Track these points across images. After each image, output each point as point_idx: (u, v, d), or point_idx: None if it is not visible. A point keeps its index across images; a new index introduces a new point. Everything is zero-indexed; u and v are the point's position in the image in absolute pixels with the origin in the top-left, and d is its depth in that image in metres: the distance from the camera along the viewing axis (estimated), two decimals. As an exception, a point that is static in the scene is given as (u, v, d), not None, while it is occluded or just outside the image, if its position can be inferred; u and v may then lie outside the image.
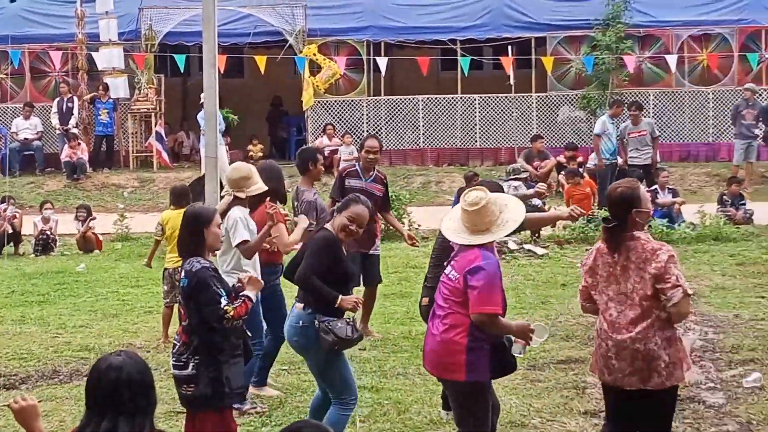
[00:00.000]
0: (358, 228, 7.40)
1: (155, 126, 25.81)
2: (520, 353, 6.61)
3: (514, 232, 6.95)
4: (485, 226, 6.51)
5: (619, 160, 20.17)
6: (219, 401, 6.55)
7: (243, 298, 6.69)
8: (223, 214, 8.60)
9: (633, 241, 6.25)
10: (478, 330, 6.40)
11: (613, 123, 20.10)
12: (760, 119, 22.65)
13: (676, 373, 6.26)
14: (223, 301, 6.53)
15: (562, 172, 21.47)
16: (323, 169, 10.76)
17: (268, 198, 9.07)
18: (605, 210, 7.08)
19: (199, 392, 6.51)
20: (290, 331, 7.49)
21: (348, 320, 7.31)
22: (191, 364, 6.52)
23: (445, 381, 6.72)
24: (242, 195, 8.77)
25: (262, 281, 7.30)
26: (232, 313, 6.51)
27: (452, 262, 6.60)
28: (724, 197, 19.29)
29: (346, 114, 26.45)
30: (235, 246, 8.61)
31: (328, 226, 7.46)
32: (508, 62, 25.01)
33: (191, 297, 6.56)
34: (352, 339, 7.29)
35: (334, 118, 26.28)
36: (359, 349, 10.94)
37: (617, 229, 6.31)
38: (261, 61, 24.56)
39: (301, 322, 7.34)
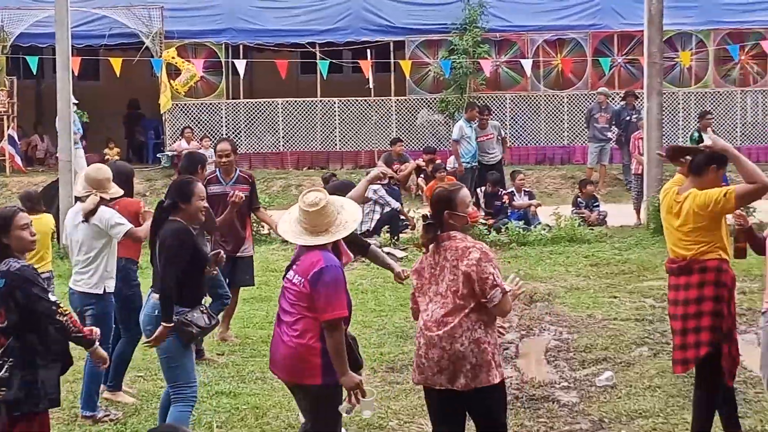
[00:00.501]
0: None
1: (8, 129, 25.15)
2: (347, 412, 6.55)
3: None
4: (324, 227, 6.53)
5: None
6: (33, 406, 6.38)
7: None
8: (90, 213, 8.54)
9: (449, 241, 6.32)
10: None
11: (470, 126, 20.33)
12: (613, 123, 23.20)
13: (482, 376, 6.20)
14: (52, 297, 6.43)
15: (422, 175, 21.66)
16: (205, 177, 10.77)
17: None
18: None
19: (12, 396, 6.32)
20: (145, 320, 7.48)
21: (202, 308, 7.38)
22: (5, 367, 6.33)
23: (298, 386, 6.65)
24: (107, 196, 8.71)
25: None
26: (64, 309, 6.41)
27: (294, 267, 6.59)
28: (579, 199, 19.69)
29: (205, 117, 26.20)
30: (125, 233, 8.63)
31: (176, 217, 7.36)
32: (366, 66, 25.13)
33: (11, 295, 6.35)
34: (211, 326, 7.44)
35: (192, 121, 26.00)
36: (217, 354, 10.84)
37: (433, 229, 6.37)
38: (116, 63, 24.15)
39: (156, 311, 7.32)
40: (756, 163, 25.02)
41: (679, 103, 26.22)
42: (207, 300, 8.27)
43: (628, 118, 22.22)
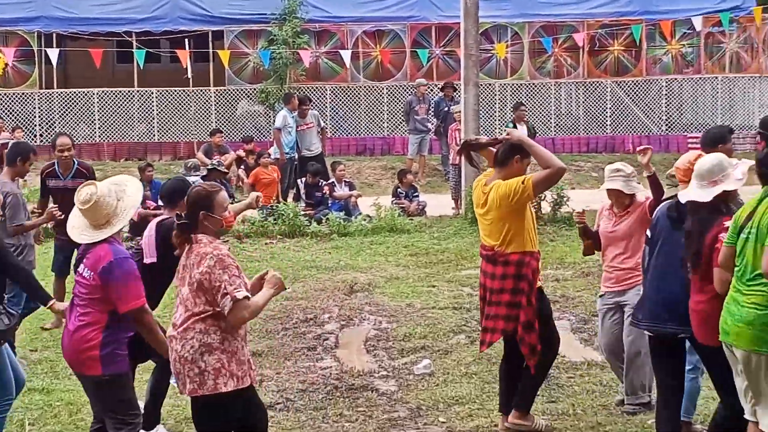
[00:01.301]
0: None
1: None
2: None
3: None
4: (104, 219, 6.50)
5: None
6: None
7: None
8: None
9: (195, 244, 6.14)
10: (115, 324, 6.45)
11: (293, 116, 20.24)
12: (431, 113, 23.48)
13: (209, 383, 6.02)
14: None
15: (242, 166, 21.48)
16: (29, 170, 10.69)
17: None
18: (284, 203, 7.07)
19: None
20: None
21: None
22: None
23: (82, 377, 6.66)
24: None
25: None
26: None
27: (84, 260, 6.56)
28: (399, 189, 19.86)
29: (17, 107, 25.40)
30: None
31: None
32: (184, 55, 24.78)
33: None
34: (12, 325, 7.39)
35: (3, 111, 25.17)
36: (30, 350, 10.53)
37: (187, 228, 6.20)
38: None
39: None
40: (569, 153, 25.72)
41: (495, 95, 26.72)
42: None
43: (446, 109, 22.49)
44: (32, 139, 23.91)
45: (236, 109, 26.28)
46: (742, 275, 6.03)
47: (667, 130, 27.08)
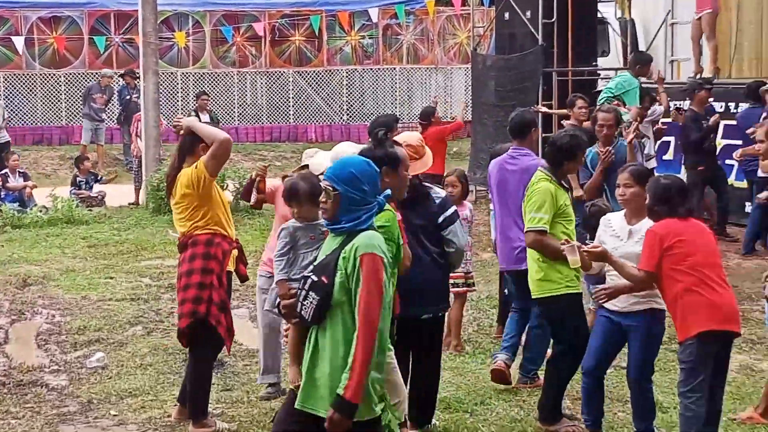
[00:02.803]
0: None
1: None
2: None
3: None
4: None
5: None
6: None
7: None
8: None
9: None
10: None
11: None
12: (115, 103, 22.99)
13: None
14: None
15: None
16: None
17: None
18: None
19: None
20: None
21: None
22: None
23: None
24: None
25: None
26: None
27: None
28: (78, 178, 19.31)
29: None
30: None
31: None
32: None
33: None
34: None
35: None
36: None
37: None
38: None
39: None
40: (253, 143, 25.82)
41: (177, 84, 26.45)
42: None
43: (128, 97, 22.08)
44: None
45: None
46: None
47: (348, 119, 27.65)
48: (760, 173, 12.37)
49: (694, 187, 13.64)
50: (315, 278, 5.10)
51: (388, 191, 5.42)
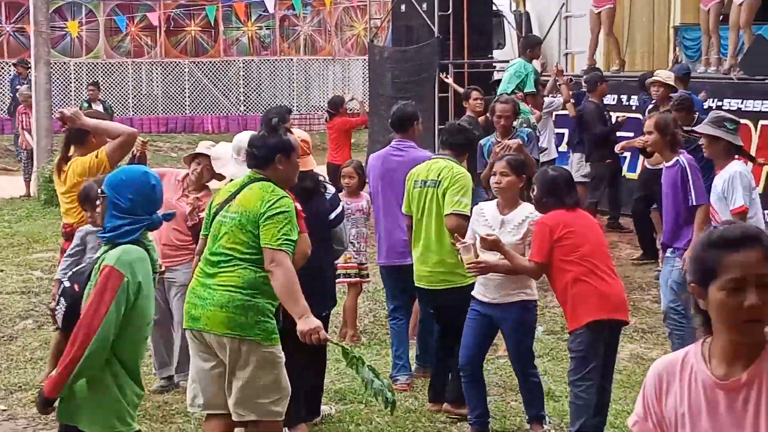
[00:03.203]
0: None
1: None
2: None
3: None
4: None
5: None
6: None
7: None
8: None
9: None
10: None
11: None
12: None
13: None
14: None
15: None
16: None
17: None
18: None
19: None
20: None
21: None
22: None
23: None
24: None
25: None
26: None
27: None
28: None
29: None
30: None
31: None
32: None
33: None
34: None
35: None
36: None
37: None
38: None
39: None
40: (148, 134, 25.57)
41: (70, 74, 26.01)
42: None
43: (19, 87, 21.66)
44: None
45: None
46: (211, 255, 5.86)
47: (245, 110, 27.49)
48: (646, 164, 12.53)
49: (600, 181, 13.84)
50: (67, 284, 4.99)
51: (172, 212, 5.39)
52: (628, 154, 14.25)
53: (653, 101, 12.57)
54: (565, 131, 15.52)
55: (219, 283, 5.75)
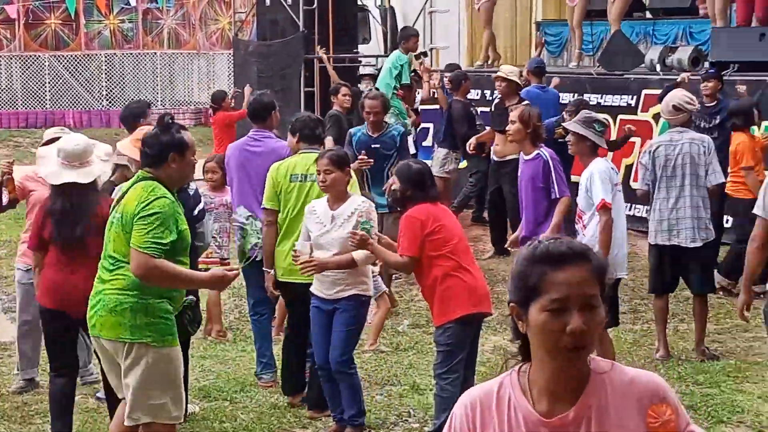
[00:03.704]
0: None
1: None
2: None
3: None
4: None
5: None
6: None
7: None
8: None
9: None
10: None
11: None
12: None
13: None
14: None
15: None
16: None
17: None
18: None
19: None
20: None
21: None
22: None
23: None
24: None
25: None
26: None
27: None
28: None
29: None
30: None
31: None
32: None
33: None
34: None
35: None
36: None
37: None
38: None
39: None
40: (8, 129, 24.74)
41: (-75, 67, 25.21)
42: None
43: None
44: None
45: None
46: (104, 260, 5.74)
47: (108, 105, 27.00)
48: (493, 157, 12.65)
49: (484, 177, 13.89)
50: None
51: None
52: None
53: (500, 96, 12.69)
54: (431, 126, 15.62)
55: (109, 287, 5.62)
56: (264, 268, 7.67)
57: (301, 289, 7.25)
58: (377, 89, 12.56)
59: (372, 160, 9.54)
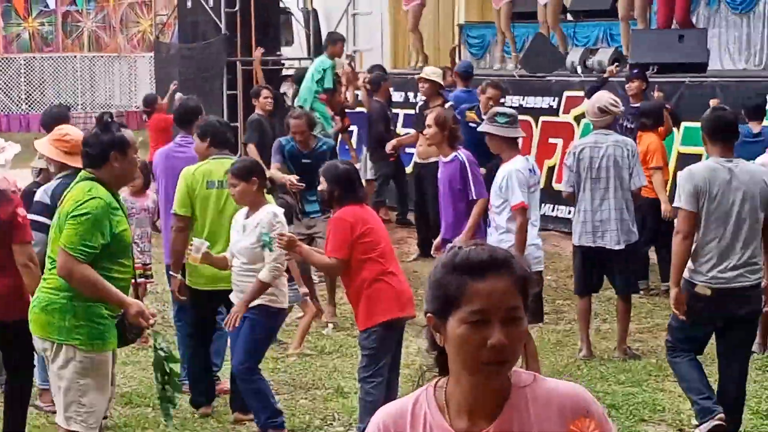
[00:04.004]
0: None
1: None
2: None
3: None
4: None
5: None
6: None
7: None
8: None
9: None
10: None
11: None
12: None
13: None
14: None
15: None
16: None
17: None
18: None
19: None
20: None
21: None
22: None
23: None
24: None
25: None
26: None
27: None
28: None
29: None
30: None
31: None
32: None
33: None
34: None
35: None
36: None
37: None
38: None
39: None
40: None
41: None
42: None
43: None
44: None
45: None
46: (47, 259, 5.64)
47: (27, 109, 26.62)
48: (416, 159, 12.69)
49: (387, 179, 13.93)
50: None
51: None
52: (413, 151, 14.41)
53: (424, 99, 12.71)
54: (355, 128, 15.61)
55: (44, 286, 5.57)
56: (171, 272, 7.59)
57: (223, 296, 7.19)
58: (301, 107, 12.43)
59: (303, 185, 9.45)
